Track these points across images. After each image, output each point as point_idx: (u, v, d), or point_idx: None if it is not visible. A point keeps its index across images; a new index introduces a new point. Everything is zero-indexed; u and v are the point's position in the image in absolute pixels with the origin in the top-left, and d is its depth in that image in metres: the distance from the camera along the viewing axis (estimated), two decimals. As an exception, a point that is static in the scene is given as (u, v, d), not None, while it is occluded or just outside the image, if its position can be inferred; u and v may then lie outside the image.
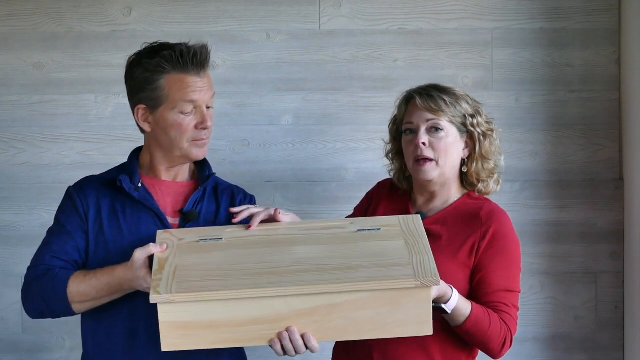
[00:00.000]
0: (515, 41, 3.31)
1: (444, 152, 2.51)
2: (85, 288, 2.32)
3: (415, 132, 2.53)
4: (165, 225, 2.40)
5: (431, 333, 2.21)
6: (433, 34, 3.30)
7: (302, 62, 3.30)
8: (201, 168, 2.52)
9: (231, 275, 2.18)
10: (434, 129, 2.51)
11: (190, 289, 2.14)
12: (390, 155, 2.67)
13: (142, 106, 2.42)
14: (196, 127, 2.39)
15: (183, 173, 2.50)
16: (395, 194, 2.66)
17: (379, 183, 2.75)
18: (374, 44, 3.30)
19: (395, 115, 2.64)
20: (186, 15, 3.28)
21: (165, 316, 2.14)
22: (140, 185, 2.43)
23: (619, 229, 3.31)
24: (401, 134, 2.59)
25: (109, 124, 3.28)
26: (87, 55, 3.27)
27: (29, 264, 2.43)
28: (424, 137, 2.51)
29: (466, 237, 2.48)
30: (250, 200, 2.55)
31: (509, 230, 2.52)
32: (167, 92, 2.37)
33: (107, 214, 2.41)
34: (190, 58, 2.37)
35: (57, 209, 2.51)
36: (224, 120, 3.26)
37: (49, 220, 3.15)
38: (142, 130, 2.47)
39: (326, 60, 3.30)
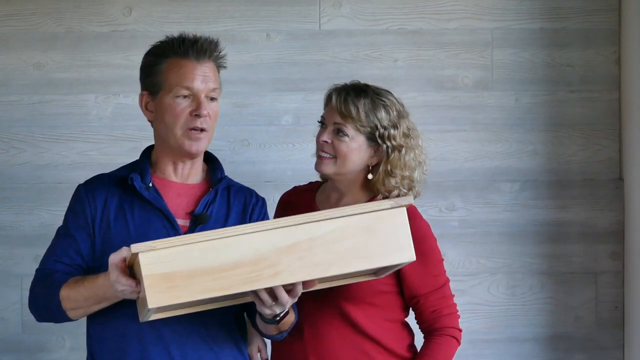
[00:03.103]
0: (515, 41, 3.31)
1: (343, 155, 2.52)
2: (75, 295, 2.30)
3: (324, 127, 2.56)
4: (174, 227, 2.37)
5: (414, 259, 2.24)
6: (433, 34, 3.31)
7: (302, 62, 3.30)
8: (213, 169, 2.49)
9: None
10: (339, 132, 2.53)
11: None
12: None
13: (145, 92, 2.41)
14: (191, 114, 2.35)
15: (195, 174, 2.46)
16: (298, 201, 2.68)
17: (279, 200, 2.77)
18: (374, 44, 3.30)
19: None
20: (186, 15, 3.28)
21: (148, 269, 2.11)
22: (151, 185, 2.40)
23: (619, 229, 3.31)
24: None
25: (109, 124, 3.28)
26: (87, 55, 3.27)
27: (37, 266, 2.43)
28: (326, 136, 2.54)
29: None
30: (263, 203, 2.53)
31: (423, 230, 2.53)
32: (165, 76, 2.36)
33: (114, 214, 2.38)
34: (191, 44, 2.37)
35: (58, 208, 2.51)
36: (224, 120, 3.24)
37: (49, 220, 3.17)
38: (151, 123, 2.46)
39: (326, 60, 3.30)
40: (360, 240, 2.19)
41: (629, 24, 3.23)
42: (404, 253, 2.23)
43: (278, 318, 2.27)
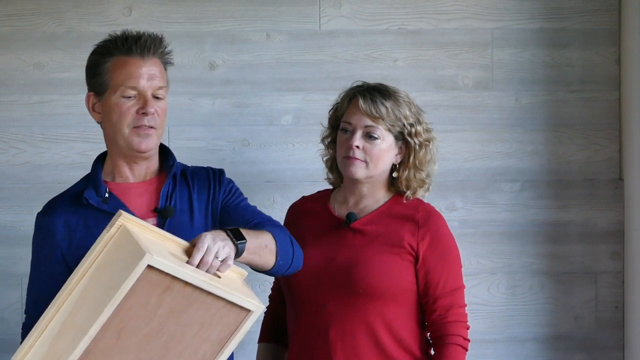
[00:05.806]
0: (515, 41, 3.31)
1: (376, 157, 2.53)
2: None
3: (351, 132, 2.54)
4: None
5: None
6: (433, 34, 3.31)
7: (302, 62, 3.30)
8: (165, 159, 2.45)
9: None
10: (370, 135, 2.53)
11: None
12: (326, 141, 2.69)
13: (91, 93, 2.39)
14: (137, 112, 2.32)
15: (152, 172, 2.42)
16: (310, 209, 2.67)
17: (288, 210, 2.75)
18: (374, 44, 3.30)
19: (337, 105, 2.65)
20: (186, 15, 3.28)
21: None
22: (107, 195, 2.35)
23: (619, 229, 3.31)
24: (340, 125, 2.61)
25: (109, 124, 3.27)
26: (87, 55, 3.25)
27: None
28: (358, 141, 2.53)
29: (402, 237, 2.53)
30: (221, 172, 2.48)
31: (446, 231, 2.57)
32: (110, 75, 2.34)
33: (81, 234, 2.34)
34: (134, 40, 2.34)
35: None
36: (224, 120, 3.26)
37: (49, 220, 3.17)
38: (101, 125, 2.41)
39: (326, 60, 3.30)
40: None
41: (629, 24, 3.23)
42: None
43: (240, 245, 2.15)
